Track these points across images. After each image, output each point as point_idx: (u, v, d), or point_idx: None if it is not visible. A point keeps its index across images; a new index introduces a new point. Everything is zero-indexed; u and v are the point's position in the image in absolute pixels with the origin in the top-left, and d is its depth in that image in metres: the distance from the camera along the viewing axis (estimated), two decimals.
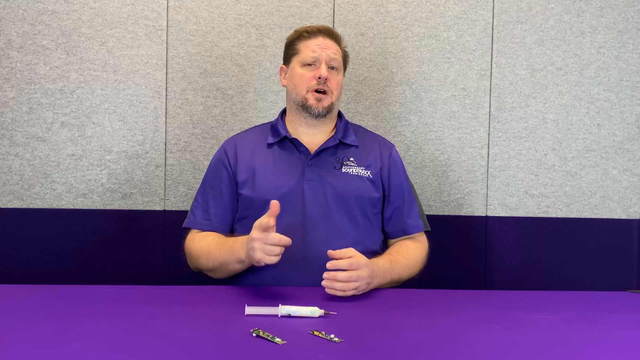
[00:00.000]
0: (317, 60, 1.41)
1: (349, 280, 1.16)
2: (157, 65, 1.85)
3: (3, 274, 1.77)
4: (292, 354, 0.83)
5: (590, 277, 1.95)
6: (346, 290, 1.16)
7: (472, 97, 1.93)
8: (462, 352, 0.87)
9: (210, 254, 1.33)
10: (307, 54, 1.42)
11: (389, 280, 1.30)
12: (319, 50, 1.41)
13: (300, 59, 1.43)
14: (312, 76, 1.40)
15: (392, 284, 1.33)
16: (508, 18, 1.93)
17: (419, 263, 1.41)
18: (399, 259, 1.35)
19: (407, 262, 1.37)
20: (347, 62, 1.51)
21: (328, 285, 1.15)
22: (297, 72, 1.43)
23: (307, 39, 1.43)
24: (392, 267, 1.31)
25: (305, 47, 1.43)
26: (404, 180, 1.49)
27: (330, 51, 1.42)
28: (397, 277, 1.32)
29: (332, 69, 1.42)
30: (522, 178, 1.95)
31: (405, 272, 1.35)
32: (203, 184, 1.46)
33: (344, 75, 1.49)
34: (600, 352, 0.89)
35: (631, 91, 1.97)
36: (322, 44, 1.42)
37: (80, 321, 0.96)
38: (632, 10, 1.96)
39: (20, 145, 1.81)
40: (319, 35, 1.43)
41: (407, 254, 1.38)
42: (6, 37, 1.80)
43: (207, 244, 1.35)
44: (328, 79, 1.40)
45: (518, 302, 1.20)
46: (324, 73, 1.39)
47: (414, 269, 1.39)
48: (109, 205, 1.84)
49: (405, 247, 1.42)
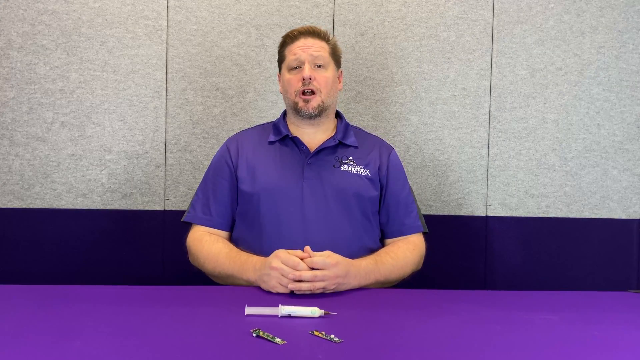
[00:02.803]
0: (300, 61, 1.42)
1: (313, 279, 1.16)
2: (157, 65, 1.85)
3: (3, 274, 1.77)
4: (292, 354, 0.83)
5: (590, 277, 1.95)
6: (313, 289, 1.17)
7: (472, 97, 1.93)
8: (462, 352, 0.87)
9: (218, 263, 1.33)
10: (290, 58, 1.44)
11: (374, 280, 1.29)
12: (300, 52, 1.42)
13: (287, 64, 1.45)
14: (298, 79, 1.42)
15: (380, 284, 1.32)
16: (508, 18, 1.93)
17: (408, 264, 1.39)
18: (386, 259, 1.34)
19: (395, 263, 1.35)
20: (338, 54, 1.50)
21: (295, 287, 1.16)
22: (286, 77, 1.45)
23: (290, 43, 1.45)
24: (377, 267, 1.30)
25: (289, 52, 1.45)
26: (402, 181, 1.49)
27: (313, 50, 1.42)
28: (384, 277, 1.32)
29: (318, 67, 1.43)
30: (522, 178, 1.95)
31: (394, 273, 1.34)
32: (204, 180, 1.47)
33: (338, 68, 1.49)
34: (600, 352, 0.89)
35: (631, 91, 1.97)
36: (303, 45, 1.43)
37: (80, 321, 0.96)
38: (632, 10, 1.96)
39: (20, 145, 1.81)
40: (300, 37, 1.45)
41: (396, 255, 1.37)
42: (6, 37, 1.80)
43: (217, 252, 1.35)
44: (313, 78, 1.41)
45: (518, 302, 1.20)
46: (307, 73, 1.40)
47: (403, 270, 1.37)
48: (109, 205, 1.84)
49: (396, 247, 1.41)
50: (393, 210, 1.45)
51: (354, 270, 1.24)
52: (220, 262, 1.32)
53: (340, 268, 1.20)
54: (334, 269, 1.19)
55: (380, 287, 1.32)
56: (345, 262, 1.22)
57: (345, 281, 1.22)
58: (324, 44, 1.46)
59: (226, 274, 1.31)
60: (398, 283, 1.39)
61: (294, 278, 1.16)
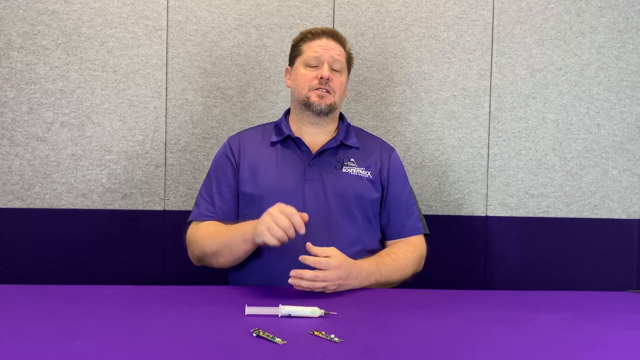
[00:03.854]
0: (320, 61, 1.42)
1: (314, 279, 1.16)
2: (157, 65, 1.85)
3: (3, 274, 1.77)
4: (292, 354, 0.83)
5: (590, 277, 1.95)
6: (312, 288, 1.17)
7: (472, 97, 1.93)
8: (462, 352, 0.87)
9: (217, 235, 1.33)
10: (309, 54, 1.43)
11: (374, 281, 1.29)
12: (322, 51, 1.42)
13: (304, 59, 1.44)
14: (314, 76, 1.42)
15: (381, 285, 1.32)
16: (508, 18, 1.93)
17: (409, 265, 1.39)
18: (387, 260, 1.35)
19: (396, 264, 1.35)
20: (351, 64, 1.53)
21: (294, 283, 1.16)
22: (300, 72, 1.44)
23: (311, 40, 1.45)
24: (379, 268, 1.31)
25: (308, 48, 1.44)
26: (403, 182, 1.49)
27: (333, 52, 1.43)
28: (384, 279, 1.32)
29: (335, 70, 1.43)
30: (522, 178, 1.95)
31: (394, 274, 1.34)
32: (207, 178, 1.47)
33: (348, 77, 1.50)
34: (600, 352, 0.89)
35: (631, 91, 1.97)
36: (325, 45, 1.43)
37: (80, 321, 0.96)
38: (632, 10, 1.96)
39: (20, 145, 1.81)
40: (322, 36, 1.45)
41: (397, 256, 1.37)
42: (6, 37, 1.80)
43: (215, 227, 1.36)
44: (330, 80, 1.41)
45: (518, 302, 1.20)
46: (326, 73, 1.40)
47: (404, 271, 1.37)
48: (109, 205, 1.84)
49: (397, 248, 1.41)
50: (394, 212, 1.45)
51: (356, 271, 1.24)
52: (219, 233, 1.32)
53: (342, 270, 1.20)
54: (337, 271, 1.19)
55: (381, 287, 1.32)
56: (348, 263, 1.22)
57: (346, 282, 1.22)
58: (342, 50, 1.47)
59: (225, 243, 1.30)
60: (388, 284, 1.39)
61: (295, 275, 1.16)
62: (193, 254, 1.40)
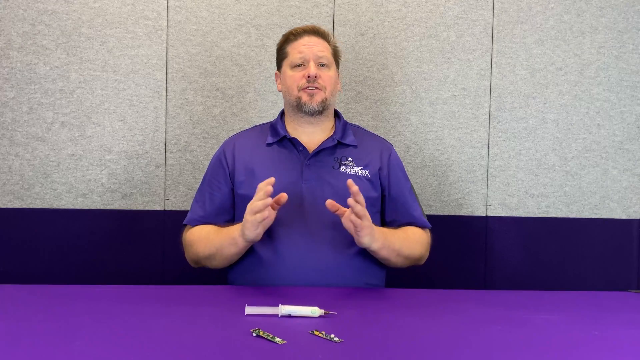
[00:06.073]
0: (305, 59, 1.42)
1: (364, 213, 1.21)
2: (157, 65, 1.85)
3: (3, 274, 1.77)
4: (292, 354, 0.83)
5: (590, 277, 1.95)
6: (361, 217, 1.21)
7: (472, 97, 1.93)
8: (462, 352, 0.87)
9: (208, 239, 1.36)
10: (294, 55, 1.43)
11: (388, 245, 1.31)
12: (306, 50, 1.42)
13: (290, 61, 1.44)
14: (302, 76, 1.41)
15: (392, 254, 1.33)
16: (508, 18, 1.93)
17: (418, 243, 1.42)
18: (398, 232, 1.39)
19: (407, 237, 1.39)
20: (338, 57, 1.51)
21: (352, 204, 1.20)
22: (288, 74, 1.44)
23: (294, 41, 1.45)
24: (392, 233, 1.35)
25: (292, 49, 1.44)
26: (404, 179, 1.49)
27: (317, 49, 1.43)
28: (396, 247, 1.34)
29: (322, 66, 1.43)
30: (522, 178, 1.95)
31: (405, 246, 1.37)
32: (202, 183, 1.48)
33: (337, 70, 1.50)
34: (600, 352, 0.89)
35: (631, 91, 1.97)
36: (308, 43, 1.43)
37: (80, 321, 0.96)
38: (632, 10, 1.96)
39: (20, 145, 1.81)
40: (304, 35, 1.44)
41: (407, 232, 1.41)
42: (6, 37, 1.80)
43: (207, 231, 1.39)
44: (318, 76, 1.41)
45: (518, 302, 1.20)
46: (312, 71, 1.40)
47: (413, 247, 1.39)
48: (109, 205, 1.84)
49: (407, 227, 1.44)
50: (400, 205, 1.46)
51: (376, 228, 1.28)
52: (211, 238, 1.36)
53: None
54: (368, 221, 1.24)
55: (394, 258, 1.34)
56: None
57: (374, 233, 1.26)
58: (327, 45, 1.46)
59: (216, 248, 1.33)
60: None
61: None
62: (189, 257, 1.44)
